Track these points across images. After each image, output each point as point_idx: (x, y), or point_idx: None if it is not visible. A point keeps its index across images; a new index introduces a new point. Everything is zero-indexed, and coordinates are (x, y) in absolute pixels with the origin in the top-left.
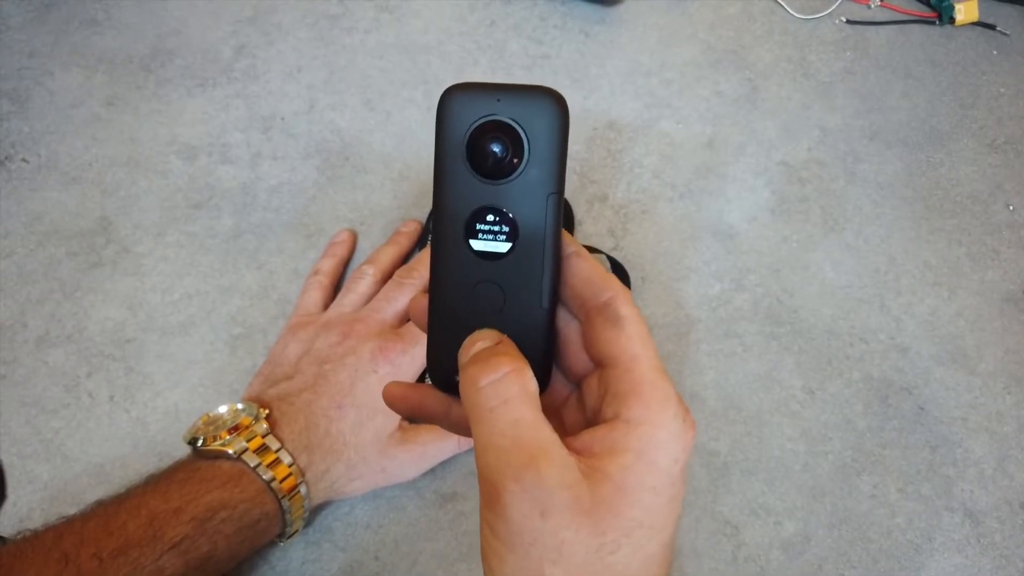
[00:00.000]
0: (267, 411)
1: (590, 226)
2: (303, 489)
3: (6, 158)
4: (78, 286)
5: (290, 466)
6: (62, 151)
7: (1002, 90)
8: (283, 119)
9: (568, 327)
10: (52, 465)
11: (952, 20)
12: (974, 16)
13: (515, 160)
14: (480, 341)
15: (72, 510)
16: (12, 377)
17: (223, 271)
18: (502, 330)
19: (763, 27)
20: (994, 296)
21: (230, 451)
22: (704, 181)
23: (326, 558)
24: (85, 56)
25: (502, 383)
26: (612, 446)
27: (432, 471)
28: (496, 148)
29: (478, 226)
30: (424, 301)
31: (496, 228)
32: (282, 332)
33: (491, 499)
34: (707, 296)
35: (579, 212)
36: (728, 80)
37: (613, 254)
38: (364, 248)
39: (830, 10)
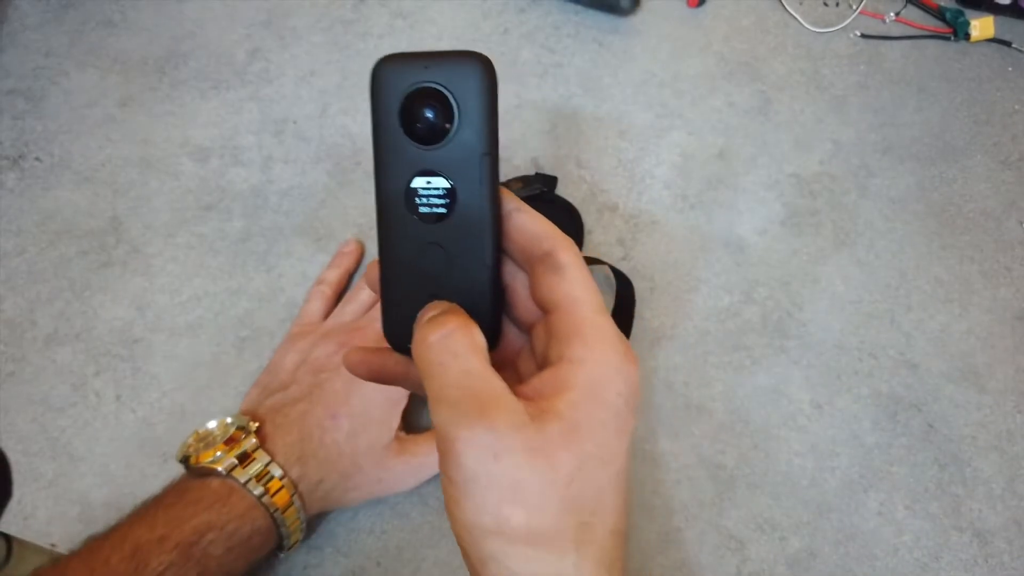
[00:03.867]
0: (258, 424)
1: (600, 235)
2: (297, 501)
3: (20, 156)
4: (88, 285)
5: (281, 479)
6: (75, 150)
7: (1017, 107)
8: (295, 123)
9: (515, 280)
10: (58, 463)
11: (967, 36)
12: (990, 33)
13: (447, 124)
14: (431, 311)
15: (76, 509)
16: (20, 374)
17: (232, 273)
18: (449, 290)
19: (777, 40)
20: (1006, 314)
21: (219, 468)
22: (715, 192)
23: (328, 563)
24: (100, 57)
25: (450, 338)
26: (559, 385)
27: (435, 478)
28: (428, 113)
29: (418, 191)
30: (376, 268)
31: (435, 191)
32: (282, 341)
33: (446, 450)
34: (716, 308)
35: (589, 221)
36: (741, 92)
37: (622, 264)
38: (372, 253)
39: (845, 24)
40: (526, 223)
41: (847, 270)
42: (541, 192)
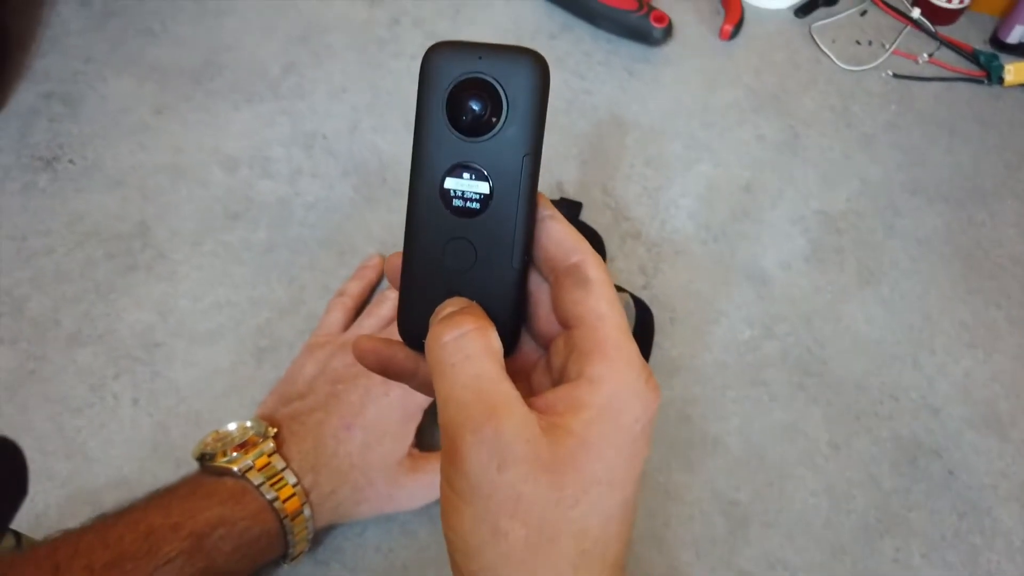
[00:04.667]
0: (276, 430)
1: (622, 262)
2: (307, 510)
3: (54, 158)
4: (112, 288)
5: (295, 486)
6: (108, 155)
7: None
8: (325, 137)
9: (539, 290)
10: (72, 463)
11: (1001, 80)
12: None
13: (493, 118)
14: (449, 307)
15: (88, 510)
16: (41, 372)
17: (255, 283)
18: (472, 288)
19: (808, 75)
20: None
21: (235, 468)
22: (740, 225)
23: None
24: (139, 65)
25: (465, 338)
26: (575, 403)
27: None
28: (475, 105)
29: (453, 182)
30: (399, 259)
31: (471, 185)
32: (300, 351)
33: (450, 452)
34: (736, 341)
35: (611, 248)
36: (770, 125)
37: (643, 293)
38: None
39: (877, 63)
40: (558, 231)
41: (871, 309)
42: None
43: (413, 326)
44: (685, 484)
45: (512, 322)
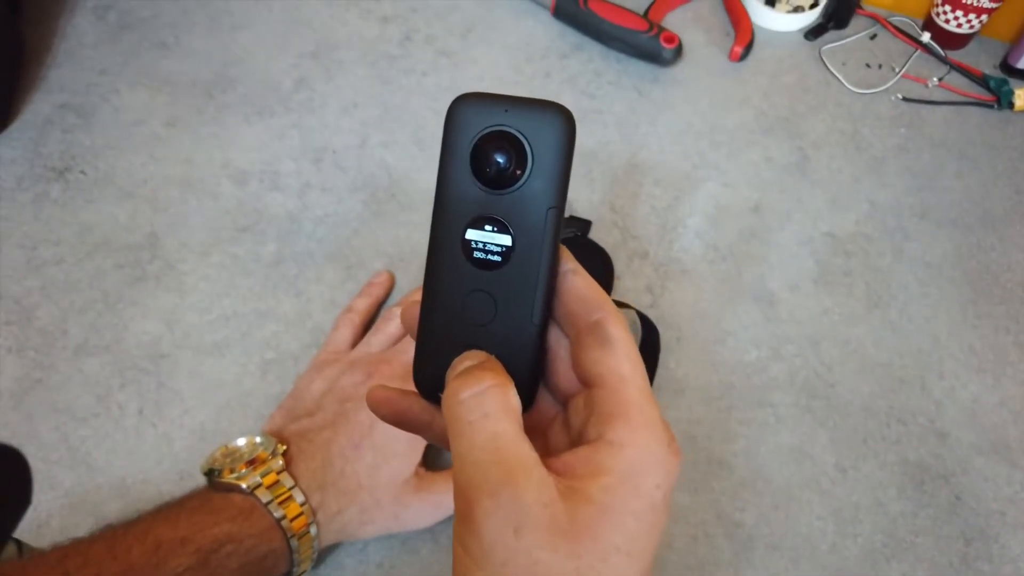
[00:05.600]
0: (285, 447)
1: (629, 281)
2: (313, 529)
3: (66, 169)
4: (120, 298)
5: (302, 505)
6: (120, 166)
7: None
8: (335, 152)
9: (559, 345)
10: (76, 473)
11: (1011, 105)
12: None
13: (518, 171)
14: (467, 360)
15: (90, 520)
16: (47, 382)
17: (262, 295)
18: (491, 342)
19: (818, 98)
20: None
21: (243, 485)
22: (747, 246)
23: None
24: (152, 77)
25: (483, 396)
26: (595, 467)
27: (449, 517)
28: (500, 158)
29: (475, 234)
30: (416, 308)
31: (493, 237)
32: (308, 367)
33: (465, 514)
34: (743, 362)
35: (619, 267)
36: (779, 147)
37: (649, 311)
38: (402, 286)
39: (887, 86)
40: (580, 287)
41: (878, 332)
42: (575, 235)
43: (430, 377)
44: (689, 505)
45: (530, 378)
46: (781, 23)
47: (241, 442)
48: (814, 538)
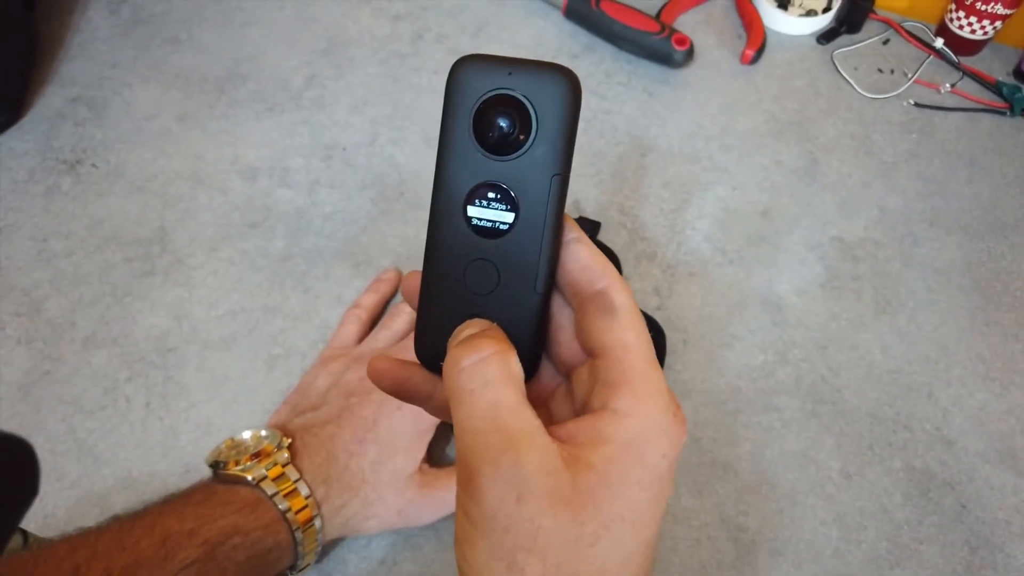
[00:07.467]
0: (290, 440)
1: (636, 283)
2: (317, 523)
3: (77, 162)
4: (129, 291)
5: (307, 498)
6: (131, 160)
7: None
8: (344, 149)
9: (561, 315)
10: (82, 465)
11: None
12: None
13: (522, 137)
14: (469, 328)
15: (96, 511)
16: (55, 374)
17: (270, 291)
18: (493, 311)
19: (829, 102)
20: None
21: (249, 477)
22: (756, 249)
23: None
24: (164, 72)
25: (484, 364)
26: (598, 436)
27: (451, 515)
28: (503, 123)
29: (478, 202)
30: (417, 278)
31: (496, 205)
32: (314, 362)
33: (467, 482)
34: (749, 366)
35: (627, 268)
36: (789, 151)
37: (656, 314)
38: None
39: (898, 92)
40: (584, 256)
41: (886, 339)
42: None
43: (431, 347)
44: (693, 508)
45: (533, 347)
46: (793, 27)
47: (246, 435)
48: (818, 543)
